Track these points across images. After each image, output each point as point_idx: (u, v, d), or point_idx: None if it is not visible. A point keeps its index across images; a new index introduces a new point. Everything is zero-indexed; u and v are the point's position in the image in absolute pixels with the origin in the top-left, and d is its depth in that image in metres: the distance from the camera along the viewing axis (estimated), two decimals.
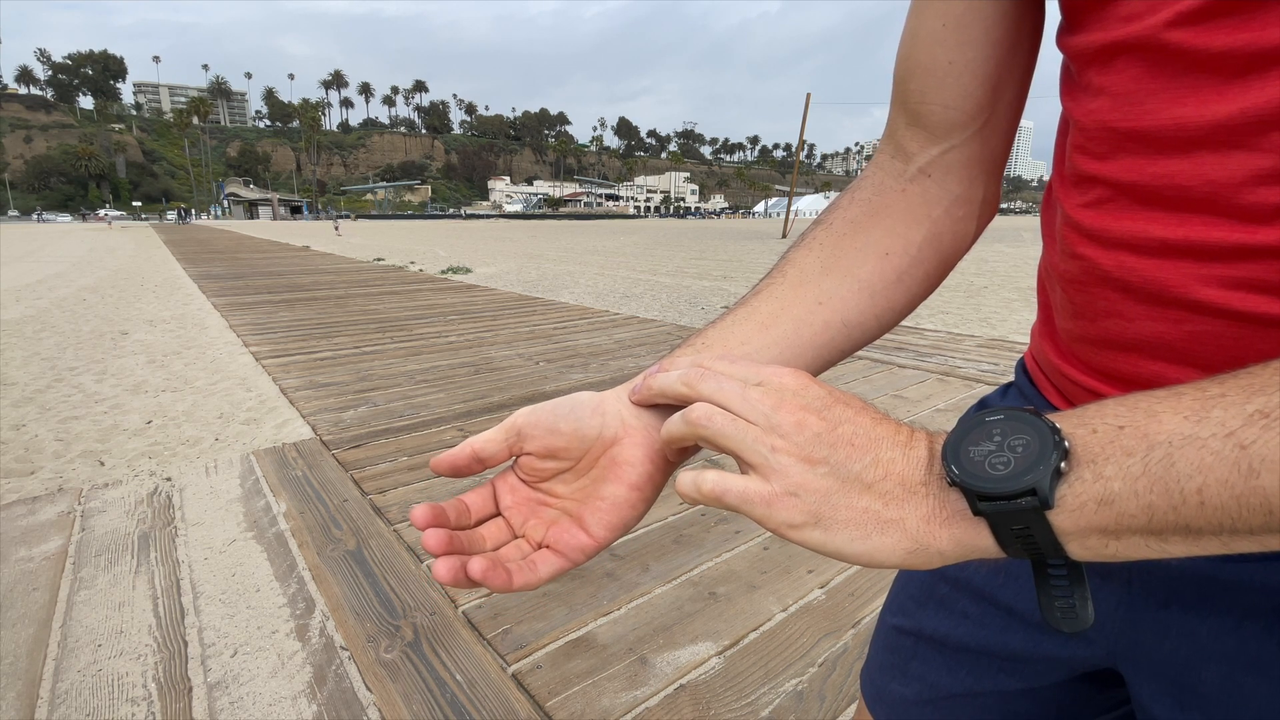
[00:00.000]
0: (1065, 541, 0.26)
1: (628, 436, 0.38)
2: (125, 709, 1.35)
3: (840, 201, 0.48)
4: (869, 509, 0.29)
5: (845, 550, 0.29)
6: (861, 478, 0.29)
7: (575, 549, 0.37)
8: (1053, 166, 0.43)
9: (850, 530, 0.29)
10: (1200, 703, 0.37)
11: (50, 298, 8.31)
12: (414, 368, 4.20)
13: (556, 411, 0.38)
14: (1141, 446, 0.24)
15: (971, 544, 0.28)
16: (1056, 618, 0.29)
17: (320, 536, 2.05)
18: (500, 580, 0.35)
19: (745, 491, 0.30)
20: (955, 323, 6.73)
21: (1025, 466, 0.26)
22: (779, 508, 0.30)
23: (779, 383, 0.33)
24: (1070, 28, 0.37)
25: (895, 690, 0.54)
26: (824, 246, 0.46)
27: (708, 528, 2.09)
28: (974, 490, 0.27)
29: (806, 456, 0.30)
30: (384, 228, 47.47)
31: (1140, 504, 0.24)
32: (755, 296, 0.44)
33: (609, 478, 0.38)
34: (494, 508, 0.40)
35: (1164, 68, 0.31)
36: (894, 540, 0.28)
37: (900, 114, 0.47)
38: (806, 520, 0.29)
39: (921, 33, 0.44)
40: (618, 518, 0.37)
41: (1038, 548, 0.27)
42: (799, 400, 0.32)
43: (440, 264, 13.72)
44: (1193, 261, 0.32)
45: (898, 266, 0.45)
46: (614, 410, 0.39)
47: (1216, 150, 0.30)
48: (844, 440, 0.30)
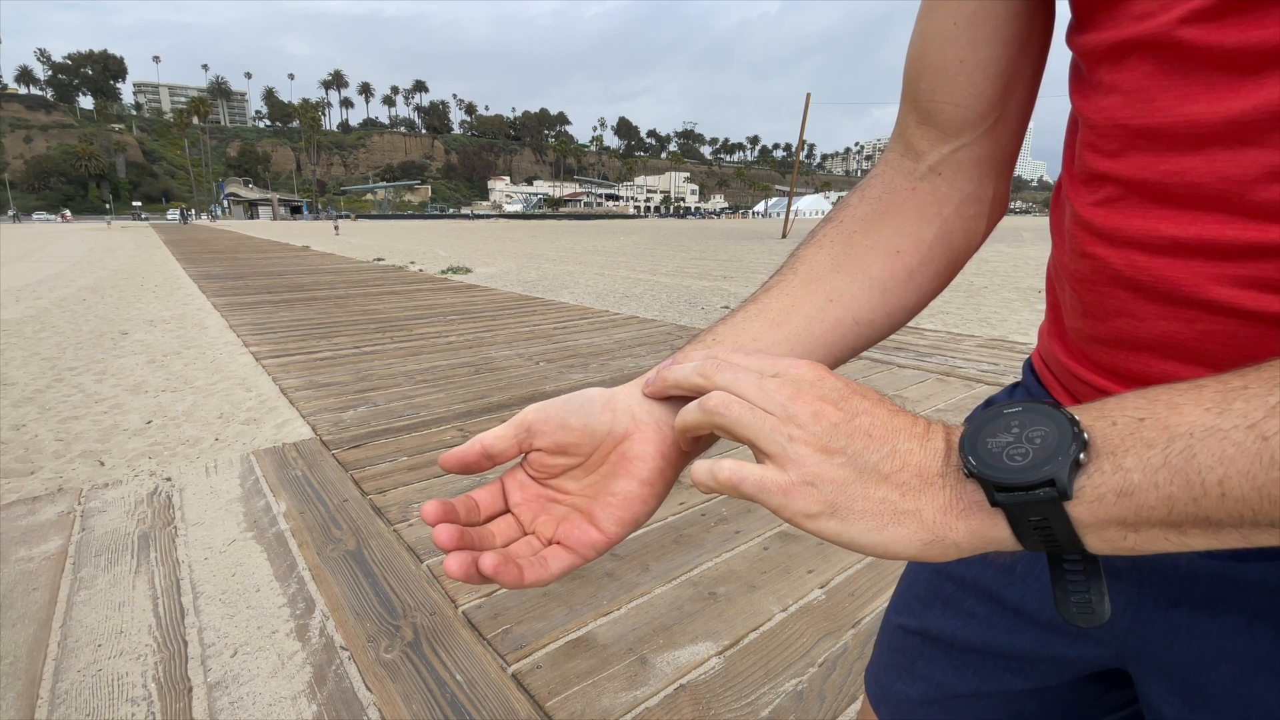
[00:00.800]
0: (1083, 534, 0.26)
1: (638, 432, 0.37)
2: (125, 709, 1.35)
3: (850, 200, 0.48)
4: (886, 500, 0.29)
5: (861, 541, 0.29)
6: (879, 468, 0.29)
7: (586, 544, 0.37)
8: (1062, 165, 0.43)
9: (866, 520, 0.29)
10: (1210, 703, 0.37)
11: (50, 298, 8.30)
12: (414, 368, 4.20)
13: (566, 407, 0.38)
14: (1162, 438, 0.24)
15: (988, 536, 0.27)
16: (1072, 613, 0.28)
17: (320, 536, 2.05)
18: (511, 576, 0.34)
19: (762, 480, 0.30)
20: (955, 323, 6.73)
21: (1044, 457, 0.26)
22: (796, 497, 0.29)
23: (796, 374, 0.32)
24: (1080, 26, 0.37)
25: (901, 690, 0.54)
26: (834, 244, 0.45)
27: (708, 528, 2.09)
28: (991, 481, 0.26)
29: (824, 446, 0.30)
30: (384, 228, 47.47)
31: (1160, 495, 0.24)
32: (766, 293, 0.44)
33: (620, 473, 0.37)
34: (503, 505, 0.39)
35: (1177, 65, 0.31)
36: (910, 531, 0.28)
37: (910, 113, 0.47)
38: (823, 510, 0.29)
39: (932, 32, 0.44)
40: (629, 513, 0.37)
41: (1055, 540, 0.26)
42: (816, 391, 0.31)
43: (440, 264, 13.72)
44: (1204, 260, 0.32)
45: (909, 264, 0.45)
46: (624, 406, 0.38)
47: (1229, 147, 0.30)
48: (861, 431, 0.30)
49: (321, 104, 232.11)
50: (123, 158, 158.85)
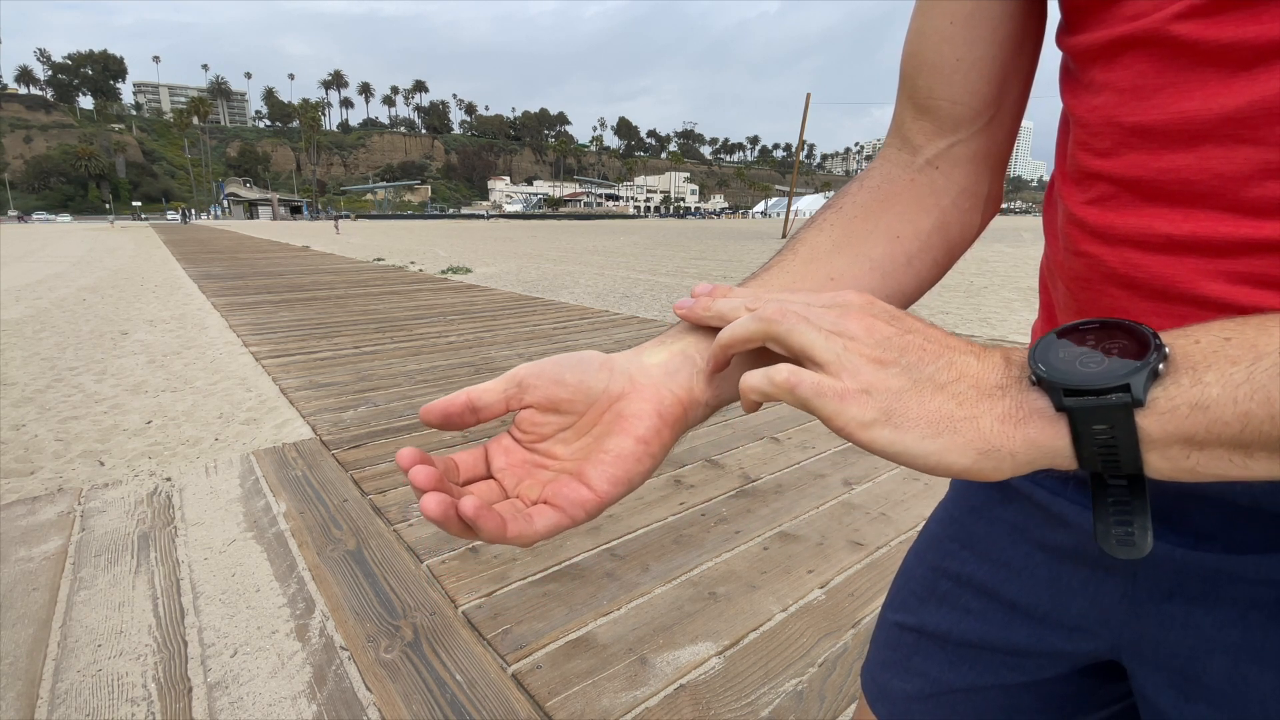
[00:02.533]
0: (1146, 450, 0.25)
1: (635, 392, 0.36)
2: (125, 709, 1.35)
3: (849, 188, 0.48)
4: (942, 408, 0.28)
5: (914, 449, 0.28)
6: (934, 379, 0.29)
7: (575, 503, 0.33)
8: (1055, 164, 0.43)
9: (921, 428, 0.28)
10: (1205, 694, 0.37)
11: (50, 298, 8.30)
12: (414, 368, 4.20)
13: (562, 364, 0.36)
14: (1248, 356, 0.24)
15: (1046, 446, 0.26)
16: (1112, 544, 0.27)
17: (320, 536, 2.05)
18: (494, 524, 0.31)
19: (819, 384, 0.29)
20: (955, 323, 6.73)
21: (1120, 365, 0.25)
22: (851, 403, 0.29)
23: (844, 299, 0.32)
24: (1072, 27, 0.37)
25: (897, 686, 0.54)
26: (835, 227, 0.45)
27: (708, 528, 2.09)
28: (1060, 385, 0.25)
29: (878, 358, 0.29)
30: (384, 228, 47.44)
31: (1237, 411, 0.23)
32: (766, 272, 0.44)
33: (614, 430, 0.35)
34: (485, 469, 0.36)
35: (1171, 62, 0.31)
36: (966, 439, 0.27)
37: (907, 108, 0.48)
38: (878, 417, 0.28)
39: (929, 30, 0.44)
40: (622, 470, 0.34)
41: (1115, 455, 0.25)
42: (868, 310, 0.31)
43: (440, 264, 13.72)
44: (1198, 257, 0.32)
45: (908, 250, 0.45)
46: (621, 367, 0.37)
47: (1222, 144, 0.30)
48: (915, 345, 0.30)
49: (321, 104, 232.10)
50: (122, 158, 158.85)
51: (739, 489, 2.38)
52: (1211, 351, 0.24)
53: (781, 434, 2.93)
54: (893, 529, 2.09)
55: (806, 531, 2.08)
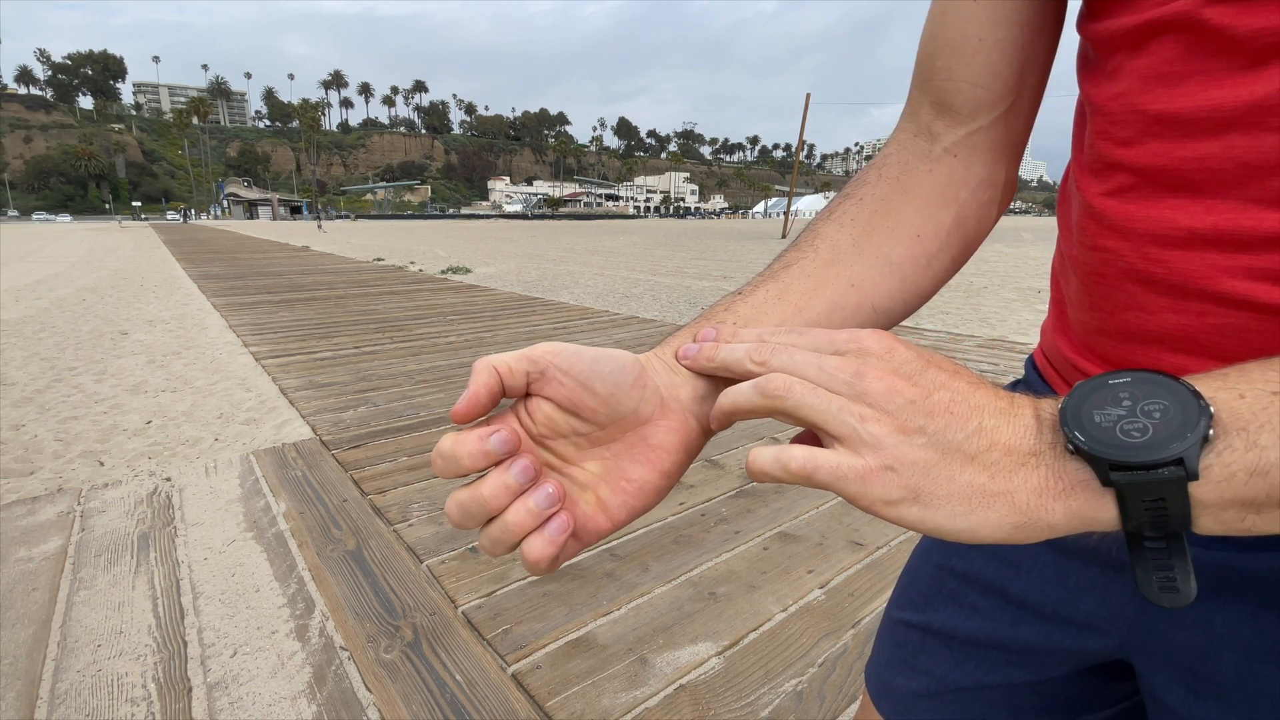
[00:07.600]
0: (1199, 515, 0.24)
1: (665, 419, 0.34)
2: (125, 709, 1.35)
3: (868, 177, 0.47)
4: (973, 482, 0.26)
5: (946, 527, 0.27)
6: (964, 449, 0.27)
7: (594, 534, 0.34)
8: (1071, 156, 0.43)
9: (953, 505, 0.26)
10: (1216, 691, 0.37)
11: (50, 298, 8.30)
12: (414, 368, 4.20)
13: (595, 367, 0.33)
14: None
15: (1090, 517, 0.25)
16: (1155, 593, 0.26)
17: (320, 536, 2.05)
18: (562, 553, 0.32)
19: (838, 468, 0.27)
20: (955, 323, 6.73)
21: (1168, 434, 0.23)
22: (874, 483, 0.27)
23: (860, 347, 0.30)
24: (1095, 13, 0.37)
25: (902, 684, 0.54)
26: (856, 223, 0.44)
27: (708, 528, 2.09)
28: (1106, 459, 0.24)
29: (901, 426, 0.27)
30: (384, 228, 47.47)
31: None
32: (786, 271, 0.42)
33: (639, 458, 0.34)
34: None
35: (1200, 47, 0.31)
36: (1000, 514, 0.26)
37: (924, 94, 0.46)
38: (904, 496, 0.27)
39: (951, 9, 0.43)
40: (641, 503, 0.34)
41: (1166, 520, 0.24)
42: (886, 365, 0.29)
43: (440, 264, 13.71)
44: (1218, 251, 0.31)
45: (928, 250, 0.44)
46: (654, 387, 0.35)
47: (1248, 132, 0.30)
48: (941, 408, 0.27)
49: (321, 104, 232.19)
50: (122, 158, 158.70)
51: (739, 489, 2.38)
52: (1261, 409, 0.23)
53: (782, 434, 2.93)
54: (893, 529, 2.09)
55: (806, 531, 2.07)
